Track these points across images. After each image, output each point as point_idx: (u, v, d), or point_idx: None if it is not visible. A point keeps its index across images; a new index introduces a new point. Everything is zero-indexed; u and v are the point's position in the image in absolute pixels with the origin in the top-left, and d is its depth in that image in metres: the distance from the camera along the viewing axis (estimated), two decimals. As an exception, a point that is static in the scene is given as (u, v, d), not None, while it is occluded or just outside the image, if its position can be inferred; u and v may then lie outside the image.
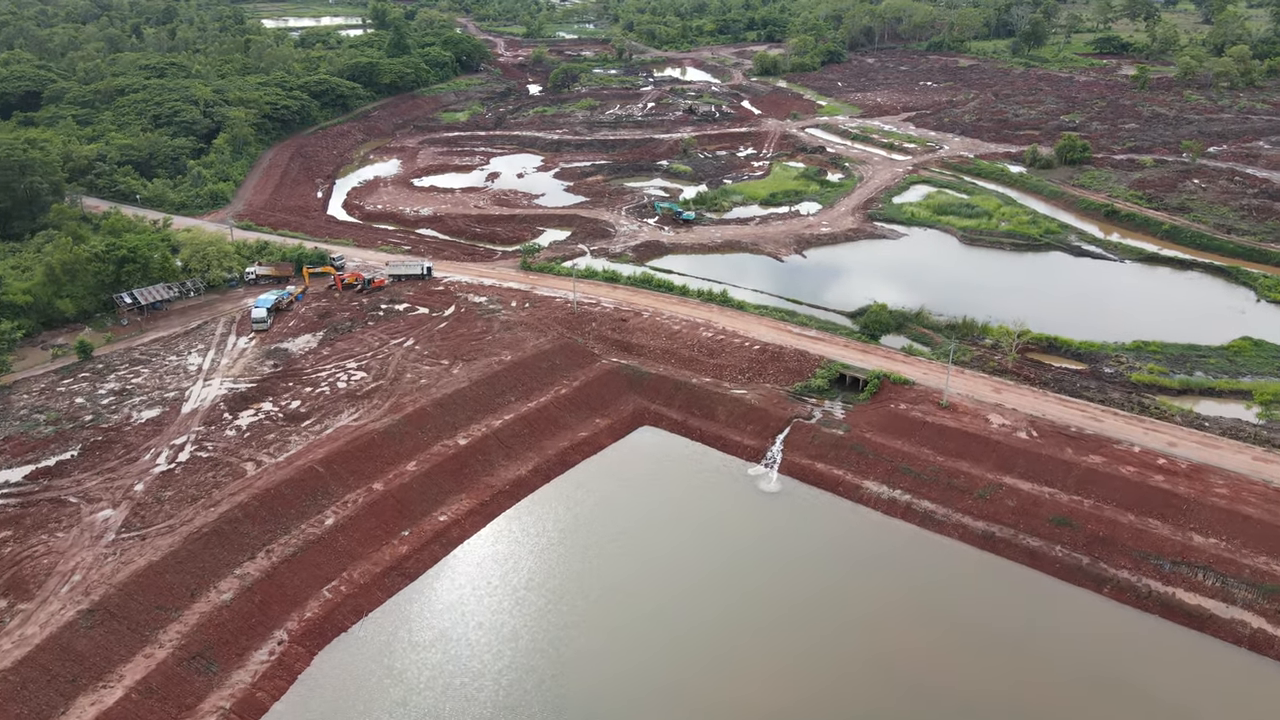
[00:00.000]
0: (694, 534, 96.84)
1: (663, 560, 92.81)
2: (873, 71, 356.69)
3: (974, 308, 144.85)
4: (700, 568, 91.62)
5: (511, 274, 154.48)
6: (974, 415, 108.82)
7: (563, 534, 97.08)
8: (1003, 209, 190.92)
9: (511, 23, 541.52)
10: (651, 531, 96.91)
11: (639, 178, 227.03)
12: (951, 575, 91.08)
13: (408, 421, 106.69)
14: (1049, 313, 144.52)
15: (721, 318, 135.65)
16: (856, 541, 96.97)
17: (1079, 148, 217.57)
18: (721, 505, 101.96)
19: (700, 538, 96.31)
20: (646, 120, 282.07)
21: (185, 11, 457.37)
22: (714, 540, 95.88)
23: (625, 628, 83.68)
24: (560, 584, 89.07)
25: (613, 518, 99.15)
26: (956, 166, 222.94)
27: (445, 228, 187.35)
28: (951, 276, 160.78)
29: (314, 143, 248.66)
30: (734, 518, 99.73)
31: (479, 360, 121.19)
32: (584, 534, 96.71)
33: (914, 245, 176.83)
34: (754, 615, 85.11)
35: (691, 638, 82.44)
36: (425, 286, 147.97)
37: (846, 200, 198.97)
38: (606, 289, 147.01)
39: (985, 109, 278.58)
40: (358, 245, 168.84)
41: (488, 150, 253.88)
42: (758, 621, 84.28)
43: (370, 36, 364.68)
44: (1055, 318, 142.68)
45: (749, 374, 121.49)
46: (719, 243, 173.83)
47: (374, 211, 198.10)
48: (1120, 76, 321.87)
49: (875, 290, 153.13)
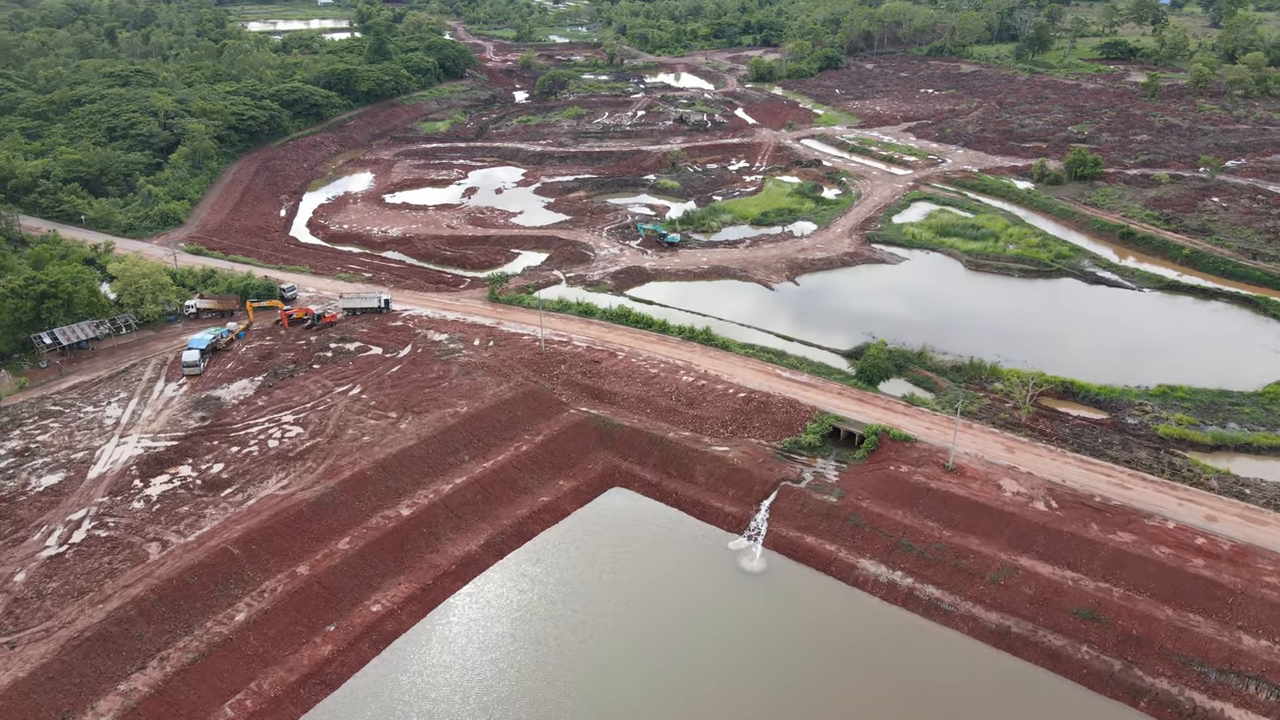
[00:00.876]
0: (666, 624, 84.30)
1: (629, 657, 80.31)
2: (872, 78, 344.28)
3: (981, 345, 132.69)
4: (673, 665, 79.09)
5: (477, 306, 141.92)
6: (984, 481, 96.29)
7: (515, 625, 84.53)
8: (1010, 230, 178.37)
9: (502, 26, 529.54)
10: (618, 621, 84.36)
11: (624, 193, 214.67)
12: (960, 680, 78.47)
13: (344, 488, 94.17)
14: (1063, 350, 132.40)
15: (704, 359, 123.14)
16: (850, 635, 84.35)
17: (1090, 162, 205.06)
18: (697, 588, 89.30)
19: (673, 628, 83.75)
20: (635, 130, 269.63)
21: (165, 15, 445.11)
22: (689, 632, 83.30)
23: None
24: (511, 688, 76.58)
25: (573, 603, 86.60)
26: (960, 182, 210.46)
27: (413, 250, 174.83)
28: (956, 307, 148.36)
29: (283, 155, 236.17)
30: (712, 604, 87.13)
31: (431, 412, 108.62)
32: (539, 624, 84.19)
33: (915, 271, 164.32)
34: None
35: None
36: (382, 321, 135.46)
37: (843, 220, 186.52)
38: (579, 324, 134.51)
39: (989, 119, 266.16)
40: (314, 273, 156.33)
41: (467, 163, 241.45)
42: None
43: (351, 42, 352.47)
44: (1070, 356, 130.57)
45: (732, 427, 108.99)
46: (705, 269, 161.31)
47: (339, 232, 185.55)
48: (1129, 84, 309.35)
49: (873, 323, 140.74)
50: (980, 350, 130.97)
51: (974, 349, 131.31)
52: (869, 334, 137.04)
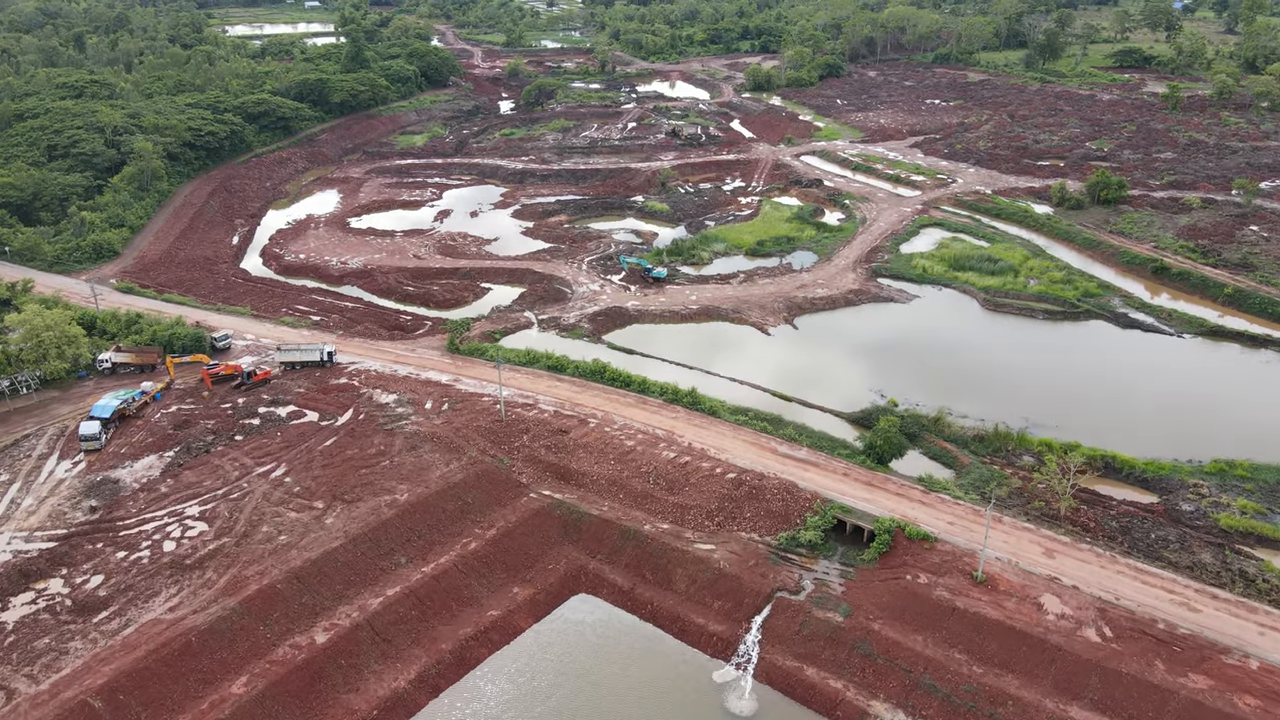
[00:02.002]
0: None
1: None
2: (875, 87, 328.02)
3: (1004, 404, 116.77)
4: None
5: (434, 358, 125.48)
6: (1021, 598, 79.95)
7: (445, 793, 68.37)
8: (1030, 262, 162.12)
9: (492, 30, 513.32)
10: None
11: (609, 216, 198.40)
12: None
13: (247, 608, 77.81)
14: (1098, 411, 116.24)
15: (688, 428, 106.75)
16: (862, 808, 68.25)
17: (1114, 185, 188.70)
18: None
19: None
20: (624, 144, 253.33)
21: (141, 19, 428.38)
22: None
23: None
24: None
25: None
26: (973, 205, 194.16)
27: (373, 285, 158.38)
28: (974, 356, 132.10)
29: (244, 174, 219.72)
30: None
31: (365, 501, 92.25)
32: (476, 793, 67.99)
33: (927, 311, 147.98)
34: None
35: None
36: (324, 378, 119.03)
37: (846, 250, 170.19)
38: (548, 382, 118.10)
39: (1001, 133, 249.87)
40: (256, 315, 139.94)
41: (442, 182, 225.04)
42: None
43: (328, 49, 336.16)
44: (1106, 418, 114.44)
45: (719, 518, 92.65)
46: (694, 310, 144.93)
47: (294, 263, 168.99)
48: (1147, 95, 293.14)
49: (882, 376, 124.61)
50: (1003, 410, 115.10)
51: (996, 409, 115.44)
52: (877, 392, 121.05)
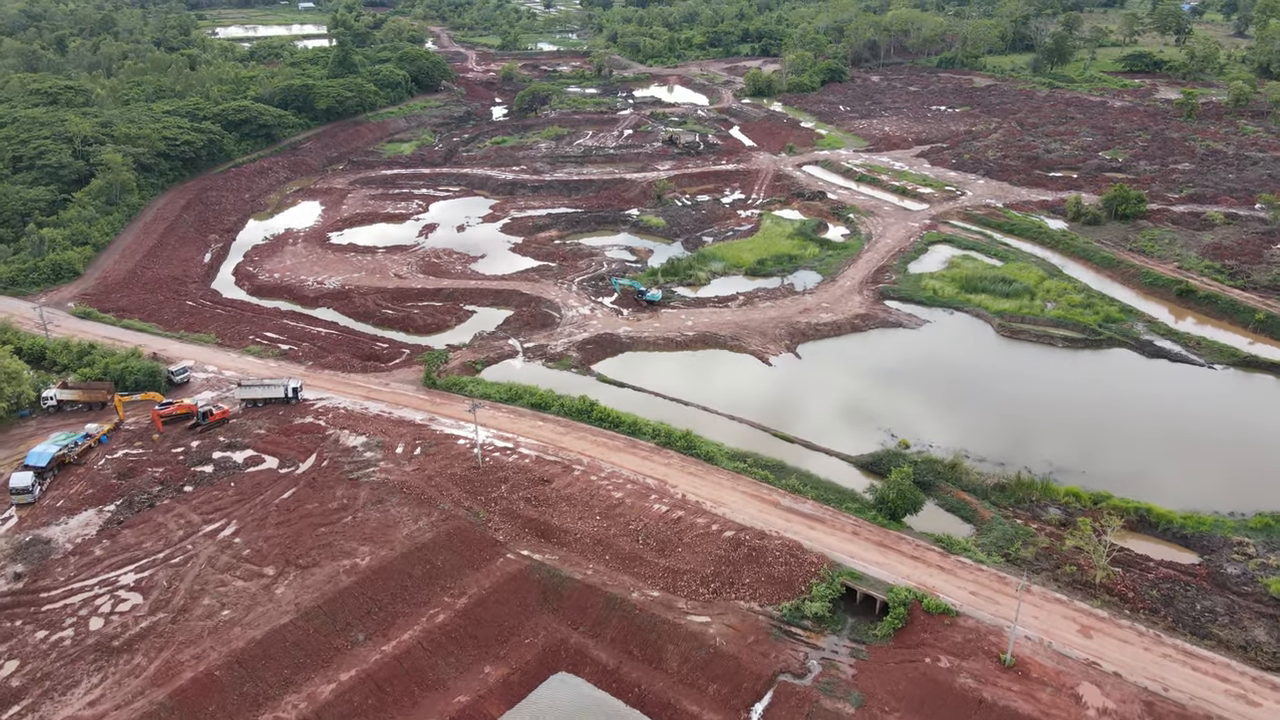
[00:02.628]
0: None
1: None
2: (879, 93, 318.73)
3: (1025, 444, 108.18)
4: None
5: (409, 393, 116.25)
6: (1057, 687, 70.75)
7: None
8: (1046, 283, 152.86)
9: (488, 32, 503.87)
10: None
11: (602, 231, 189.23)
12: None
13: (178, 702, 68.60)
14: (1127, 453, 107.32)
15: (682, 477, 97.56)
16: None
17: (1132, 199, 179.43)
18: None
19: None
20: (620, 153, 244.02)
21: (128, 21, 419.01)
22: None
23: None
24: None
25: None
26: (984, 220, 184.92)
27: (350, 308, 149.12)
28: (990, 390, 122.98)
29: (222, 185, 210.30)
30: None
31: (322, 566, 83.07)
32: None
33: (938, 337, 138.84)
34: None
35: None
36: (287, 417, 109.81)
37: (852, 269, 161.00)
38: (530, 422, 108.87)
39: (1011, 142, 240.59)
40: (220, 343, 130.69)
41: (429, 193, 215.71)
42: None
43: (315, 53, 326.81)
44: (1137, 462, 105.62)
45: (716, 584, 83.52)
46: (690, 336, 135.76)
47: (268, 283, 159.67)
48: (1160, 101, 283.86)
49: (892, 412, 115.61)
50: (1024, 452, 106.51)
51: (1017, 451, 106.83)
52: (887, 431, 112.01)
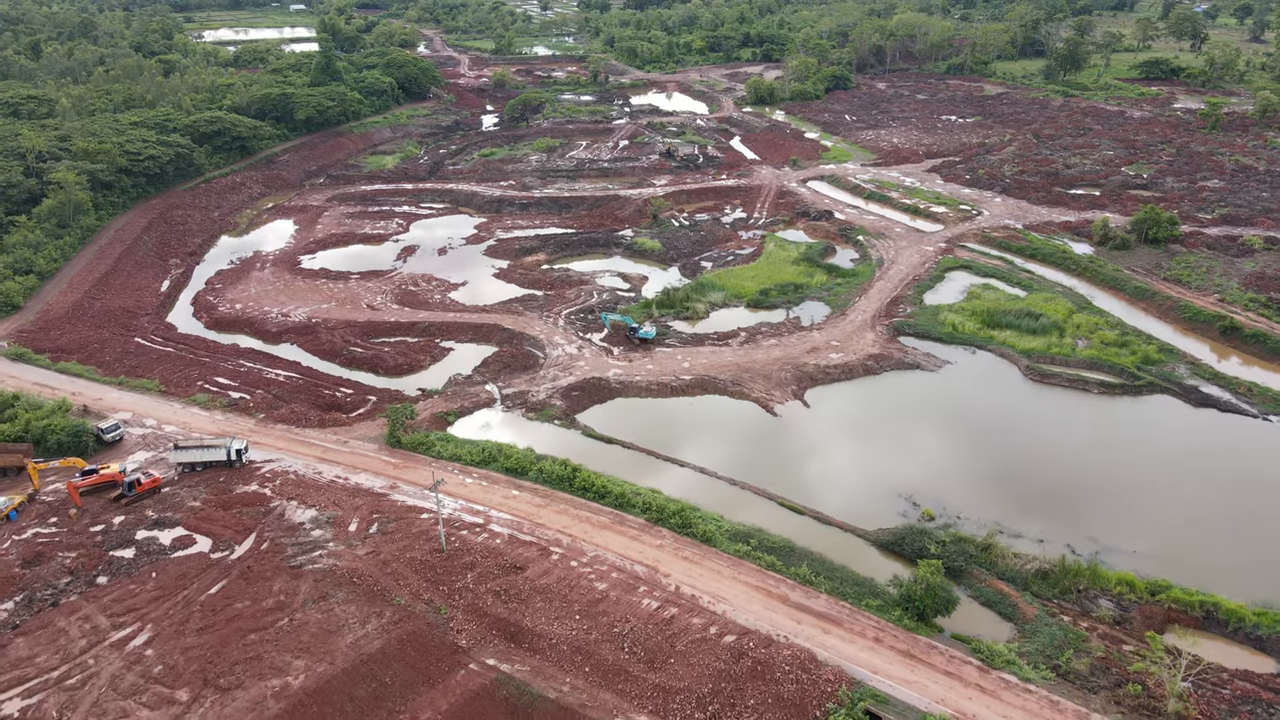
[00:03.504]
0: None
1: None
2: (885, 101, 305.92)
3: (1064, 513, 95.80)
4: None
5: (369, 454, 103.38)
6: None
7: None
8: (1076, 317, 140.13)
9: (483, 35, 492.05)
10: None
11: (594, 254, 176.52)
12: None
13: None
14: (1180, 526, 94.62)
15: (676, 563, 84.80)
16: None
17: (1164, 222, 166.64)
18: None
19: None
20: (614, 166, 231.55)
21: (109, 24, 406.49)
22: None
23: None
24: None
25: None
26: (1003, 243, 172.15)
27: (315, 345, 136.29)
28: (1021, 445, 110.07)
29: (190, 202, 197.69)
30: None
31: (246, 688, 70.11)
32: None
33: (960, 381, 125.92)
34: None
35: None
36: (229, 484, 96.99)
37: (863, 300, 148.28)
38: (504, 490, 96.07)
39: (1027, 156, 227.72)
40: (164, 391, 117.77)
41: (411, 211, 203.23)
42: None
43: (298, 59, 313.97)
44: (1193, 538, 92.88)
45: (714, 706, 70.59)
46: (687, 381, 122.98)
47: (227, 316, 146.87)
48: (1180, 111, 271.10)
49: (912, 474, 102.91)
50: (1064, 524, 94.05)
51: (1055, 523, 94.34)
52: (907, 498, 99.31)
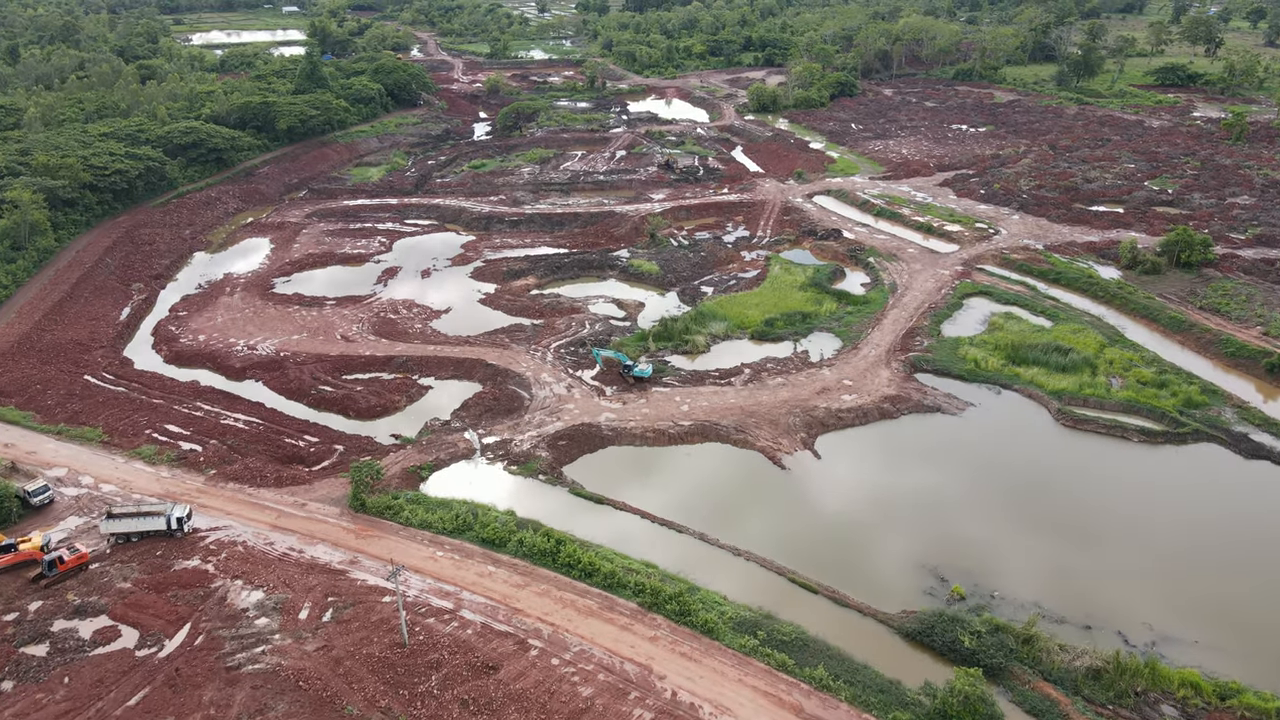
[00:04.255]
0: None
1: None
2: (893, 109, 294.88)
3: (1112, 591, 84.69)
4: None
5: (329, 520, 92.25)
6: None
7: None
8: (1108, 352, 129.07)
9: (478, 38, 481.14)
10: None
11: (587, 277, 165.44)
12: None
13: None
14: (1243, 607, 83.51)
15: (672, 660, 73.65)
16: None
17: (1198, 244, 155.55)
18: None
19: None
20: (610, 179, 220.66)
21: (93, 27, 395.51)
22: None
23: None
24: None
25: None
26: (1024, 266, 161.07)
27: (282, 382, 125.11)
28: (1057, 504, 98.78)
29: (160, 219, 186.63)
30: None
31: (160, 832, 59.23)
32: None
33: (985, 427, 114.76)
34: None
35: None
36: (167, 558, 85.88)
37: (876, 331, 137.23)
38: (479, 567, 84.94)
39: (1044, 169, 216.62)
40: (107, 441, 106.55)
41: (394, 229, 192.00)
42: None
43: (283, 64, 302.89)
44: (1259, 620, 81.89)
45: None
46: (686, 426, 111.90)
47: (189, 349, 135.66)
48: (1201, 121, 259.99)
49: (935, 536, 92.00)
50: (1113, 604, 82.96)
51: (1103, 602, 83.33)
52: (933, 571, 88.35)
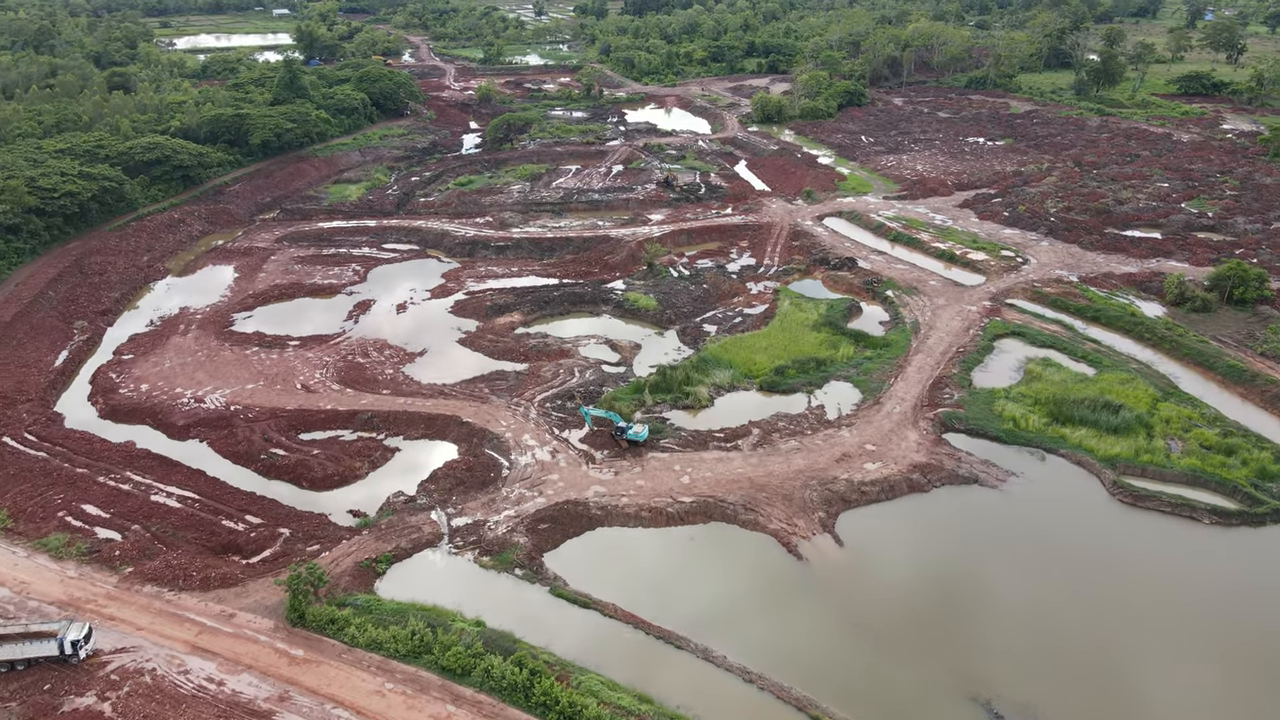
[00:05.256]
0: None
1: None
2: (904, 120, 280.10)
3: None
4: None
5: (260, 638, 77.13)
6: None
7: None
8: (1163, 408, 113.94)
9: (471, 42, 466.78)
10: None
11: (579, 313, 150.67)
12: None
13: None
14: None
15: None
16: None
17: (1252, 280, 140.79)
18: None
19: None
20: (606, 198, 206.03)
21: (70, 31, 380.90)
22: None
23: None
24: None
25: None
26: (1058, 301, 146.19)
27: (229, 444, 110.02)
28: (1124, 609, 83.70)
29: (115, 245, 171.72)
30: None
31: None
32: None
33: (1031, 504, 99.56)
34: None
35: None
36: (55, 694, 70.93)
37: (900, 381, 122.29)
38: (434, 708, 69.43)
39: (1071, 189, 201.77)
40: (10, 528, 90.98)
41: (370, 255, 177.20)
42: None
43: (263, 72, 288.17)
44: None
45: None
46: (686, 504, 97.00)
47: (128, 401, 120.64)
48: (1233, 135, 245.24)
49: (984, 653, 77.11)
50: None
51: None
52: (985, 704, 73.18)
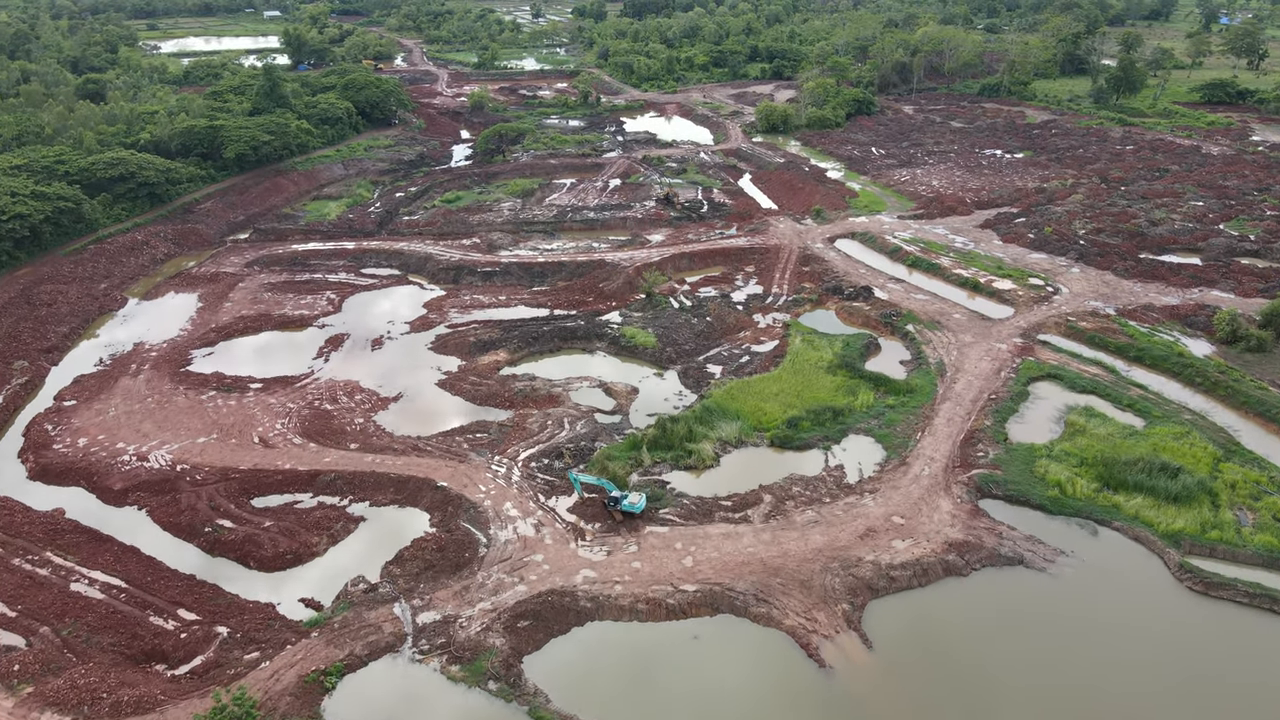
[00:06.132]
0: None
1: None
2: (916, 130, 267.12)
3: None
4: None
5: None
6: None
7: None
8: (1226, 469, 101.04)
9: (466, 46, 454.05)
10: None
11: (570, 349, 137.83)
12: None
13: None
14: None
15: None
16: None
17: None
18: None
19: None
20: (602, 216, 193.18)
21: (49, 35, 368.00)
22: None
23: None
24: None
25: None
26: (1096, 338, 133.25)
27: (171, 513, 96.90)
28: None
29: (70, 272, 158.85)
30: None
31: None
32: None
33: (1086, 591, 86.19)
34: None
35: None
36: None
37: (928, 436, 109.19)
38: None
39: (1100, 207, 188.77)
40: (-100, 631, 78.86)
41: (347, 281, 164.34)
42: None
43: (244, 78, 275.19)
44: None
45: None
46: (689, 592, 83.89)
47: (61, 460, 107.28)
48: (1265, 147, 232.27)
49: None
50: None
51: None
52: None
